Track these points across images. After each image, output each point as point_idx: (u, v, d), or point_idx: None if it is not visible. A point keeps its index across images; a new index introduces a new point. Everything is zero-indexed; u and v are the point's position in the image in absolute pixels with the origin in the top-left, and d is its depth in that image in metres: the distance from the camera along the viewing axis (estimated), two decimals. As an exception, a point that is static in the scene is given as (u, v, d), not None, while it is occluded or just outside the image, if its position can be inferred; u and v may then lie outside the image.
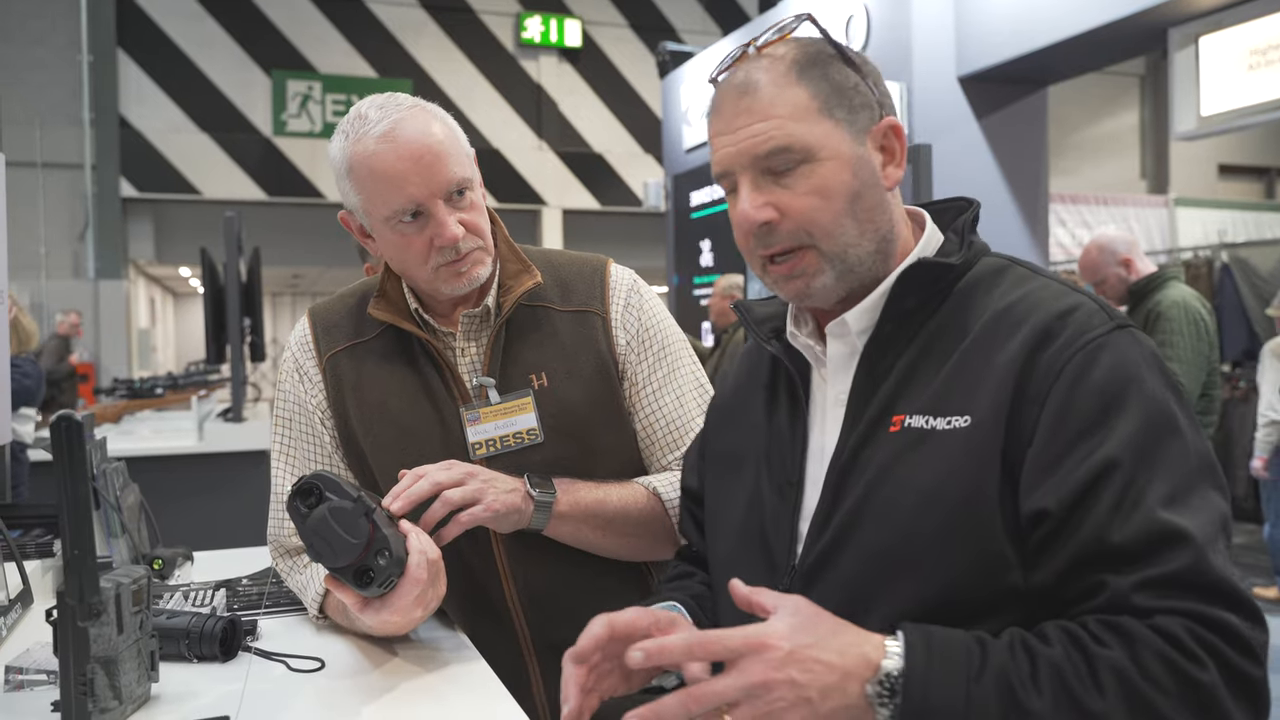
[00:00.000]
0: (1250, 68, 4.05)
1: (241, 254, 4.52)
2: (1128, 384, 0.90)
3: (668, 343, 1.48)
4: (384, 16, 12.51)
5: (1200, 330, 3.54)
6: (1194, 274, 7.39)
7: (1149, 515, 0.85)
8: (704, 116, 1.09)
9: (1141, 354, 0.93)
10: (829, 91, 0.99)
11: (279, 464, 1.49)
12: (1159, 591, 0.84)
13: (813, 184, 0.99)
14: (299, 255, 12.76)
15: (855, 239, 1.00)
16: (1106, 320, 0.94)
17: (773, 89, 0.99)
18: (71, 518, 1.00)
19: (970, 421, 0.93)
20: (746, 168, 1.00)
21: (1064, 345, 0.92)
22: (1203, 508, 0.88)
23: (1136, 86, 12.91)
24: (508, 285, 1.42)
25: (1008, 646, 0.84)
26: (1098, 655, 0.82)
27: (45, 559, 1.77)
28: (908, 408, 0.97)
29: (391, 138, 1.31)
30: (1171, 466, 0.88)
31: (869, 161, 1.01)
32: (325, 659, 1.28)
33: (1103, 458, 0.88)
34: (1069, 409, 0.90)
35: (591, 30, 13.39)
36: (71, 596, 1.01)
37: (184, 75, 11.73)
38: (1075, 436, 0.89)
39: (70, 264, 11.40)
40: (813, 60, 1.01)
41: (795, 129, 0.98)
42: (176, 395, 6.13)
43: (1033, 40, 4.49)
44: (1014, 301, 0.97)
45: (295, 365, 1.48)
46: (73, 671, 1.02)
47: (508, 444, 1.39)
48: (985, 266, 1.02)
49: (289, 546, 1.46)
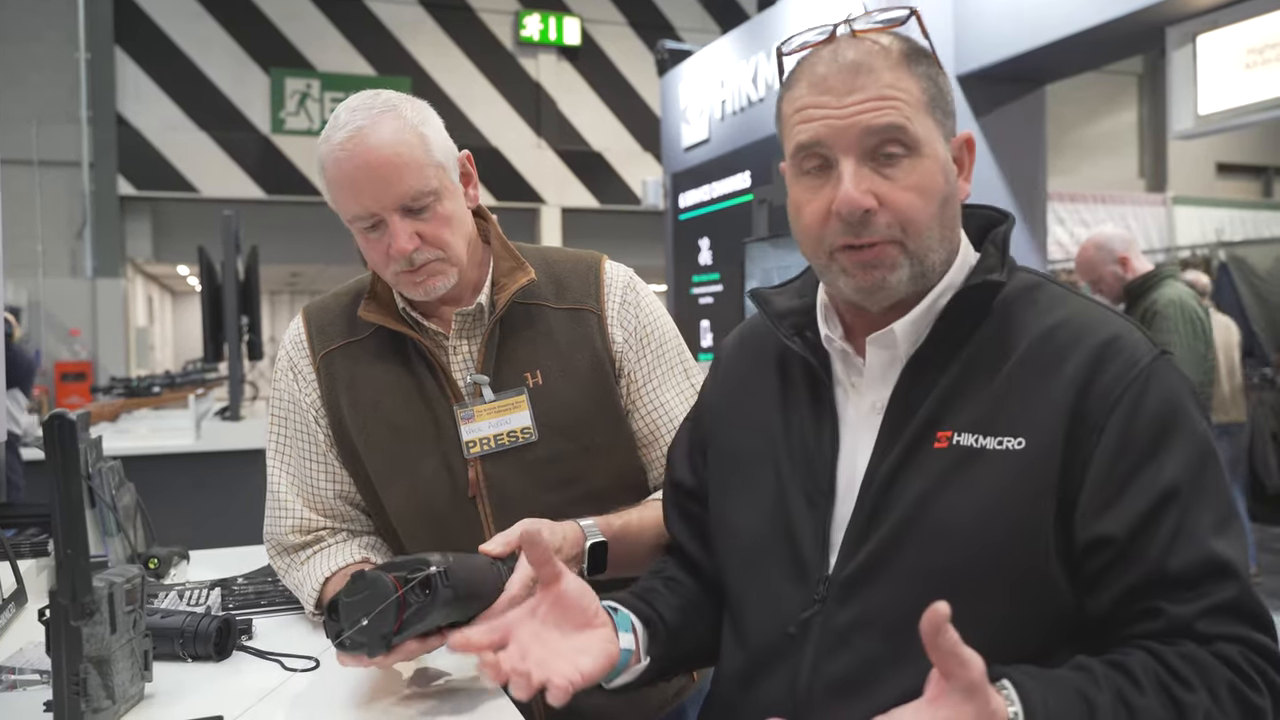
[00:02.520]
0: (1248, 66, 4.04)
1: (239, 252, 4.51)
2: (1177, 412, 0.93)
3: (666, 339, 1.48)
4: (382, 14, 12.49)
5: (1197, 329, 3.55)
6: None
7: (1203, 544, 0.89)
8: (782, 88, 1.03)
9: (1182, 382, 0.96)
10: (935, 91, 0.98)
11: (274, 462, 1.49)
12: (1217, 619, 0.88)
13: (914, 179, 0.95)
14: (297, 253, 12.74)
15: (936, 244, 0.98)
16: (1151, 348, 0.96)
17: (890, 73, 0.96)
18: (64, 517, 0.99)
19: (1025, 444, 0.93)
20: (852, 145, 0.95)
21: (1119, 374, 0.93)
22: (1239, 535, 0.92)
23: (1134, 85, 12.91)
24: (501, 283, 1.41)
25: (1111, 705, 0.85)
26: (1185, 702, 0.85)
27: (40, 558, 1.77)
28: (955, 424, 0.96)
29: (351, 145, 1.29)
30: (1216, 494, 0.92)
31: (952, 170, 1.00)
32: (320, 658, 1.28)
33: (1162, 486, 0.90)
34: (1128, 438, 0.92)
35: (590, 28, 13.38)
36: (64, 596, 1.00)
37: (182, 73, 11.71)
38: (1135, 465, 0.91)
39: (68, 262, 11.38)
40: (920, 56, 0.99)
41: (914, 116, 0.96)
42: (174, 394, 6.13)
43: (1031, 39, 4.49)
44: (1058, 323, 0.97)
45: (290, 364, 1.48)
46: (65, 671, 1.02)
47: (502, 442, 1.38)
48: (1019, 282, 1.02)
49: (286, 544, 1.46)
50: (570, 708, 1.41)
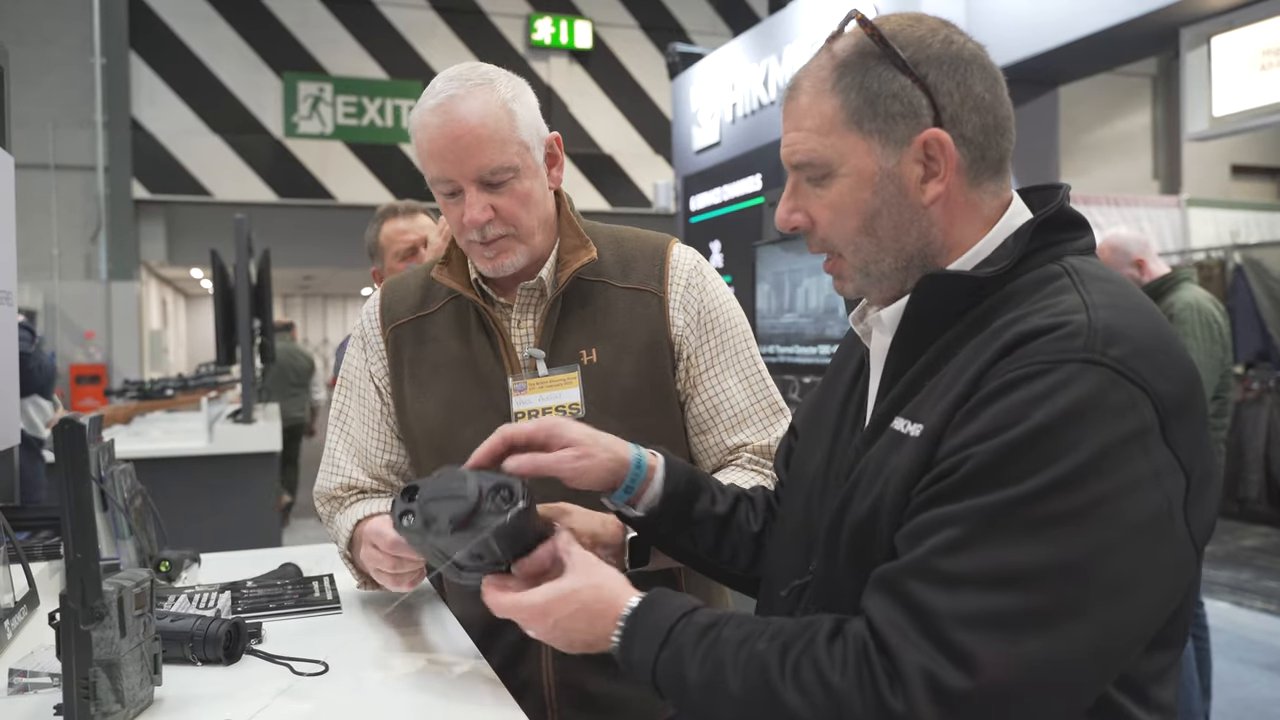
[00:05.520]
0: (1263, 68, 4.01)
1: (252, 255, 4.53)
2: (1035, 405, 0.81)
3: (730, 325, 1.48)
4: (395, 18, 12.53)
5: (1214, 333, 3.51)
6: (1206, 275, 7.34)
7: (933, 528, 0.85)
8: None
9: (1089, 396, 0.81)
10: (860, 102, 0.95)
11: (334, 426, 1.58)
12: (871, 592, 0.88)
13: (829, 199, 0.98)
14: (310, 257, 12.80)
15: (874, 255, 0.98)
16: (1074, 350, 0.83)
17: (806, 98, 0.98)
18: (74, 521, 1.00)
19: (921, 431, 0.90)
20: (789, 170, 1.01)
21: (1009, 364, 0.85)
22: (997, 607, 0.80)
23: (1148, 87, 12.84)
24: (565, 260, 1.44)
25: (730, 641, 0.92)
26: (768, 662, 0.88)
27: (53, 560, 1.77)
28: (904, 410, 0.95)
29: (439, 112, 1.34)
30: (1010, 545, 0.80)
31: (898, 178, 0.95)
32: (329, 662, 1.28)
33: (947, 454, 0.86)
34: (968, 418, 0.85)
35: (602, 31, 13.39)
36: (74, 600, 1.01)
37: (196, 77, 11.78)
38: (954, 444, 0.86)
39: (83, 266, 11.45)
40: (852, 65, 0.96)
41: (818, 144, 0.97)
42: (187, 396, 6.16)
43: (1044, 40, 4.47)
44: (1018, 316, 0.89)
45: (361, 333, 1.57)
46: (75, 675, 1.02)
47: (550, 417, 1.39)
48: (1038, 274, 0.93)
49: (332, 495, 1.55)
50: (583, 694, 1.42)
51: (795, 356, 4.39)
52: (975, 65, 0.96)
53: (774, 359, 4.43)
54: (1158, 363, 0.84)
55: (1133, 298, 0.91)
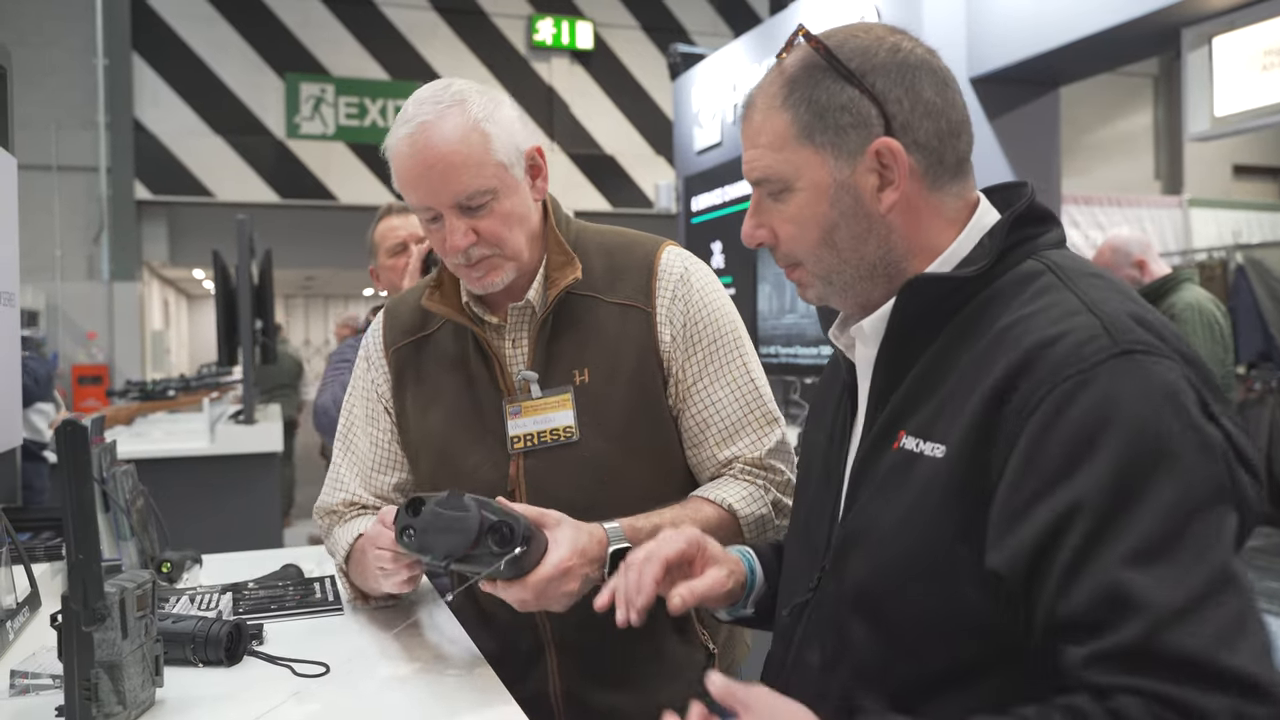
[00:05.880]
0: (1265, 68, 4.01)
1: (254, 256, 4.53)
2: (1104, 425, 0.79)
3: (719, 334, 1.44)
4: (396, 19, 12.53)
5: (1215, 333, 3.51)
6: (1208, 275, 7.33)
7: (1103, 574, 0.76)
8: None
9: (1144, 384, 0.80)
10: (810, 117, 0.95)
11: (340, 444, 1.58)
12: (1109, 667, 0.75)
13: (789, 212, 0.98)
14: (312, 257, 12.79)
15: (836, 266, 0.98)
16: (1102, 349, 0.82)
17: (759, 115, 0.99)
18: (75, 522, 1.00)
19: (944, 453, 0.88)
20: (751, 187, 1.02)
21: (1042, 379, 0.82)
22: (1188, 565, 0.75)
23: (1150, 87, 12.82)
24: (553, 278, 1.42)
25: None
26: None
27: (55, 561, 1.77)
28: (908, 425, 0.93)
29: (412, 141, 1.32)
30: (1147, 519, 0.76)
31: (853, 188, 0.95)
32: (330, 664, 1.28)
33: (1054, 515, 0.79)
34: (1036, 457, 0.81)
35: (603, 32, 13.39)
36: (75, 601, 1.01)
37: (198, 78, 11.78)
38: (1037, 490, 0.80)
39: (85, 266, 11.46)
40: (800, 79, 0.96)
41: (773, 160, 0.97)
42: (189, 397, 6.15)
43: (1045, 41, 4.46)
44: (1017, 319, 0.88)
45: (365, 354, 1.57)
46: (76, 676, 1.02)
47: (544, 440, 1.39)
48: (1019, 272, 0.93)
49: (334, 510, 1.55)
50: (585, 706, 1.42)
51: (796, 357, 4.38)
52: (924, 71, 0.96)
53: (775, 360, 4.43)
54: (1169, 332, 0.87)
55: (1120, 287, 0.92)
